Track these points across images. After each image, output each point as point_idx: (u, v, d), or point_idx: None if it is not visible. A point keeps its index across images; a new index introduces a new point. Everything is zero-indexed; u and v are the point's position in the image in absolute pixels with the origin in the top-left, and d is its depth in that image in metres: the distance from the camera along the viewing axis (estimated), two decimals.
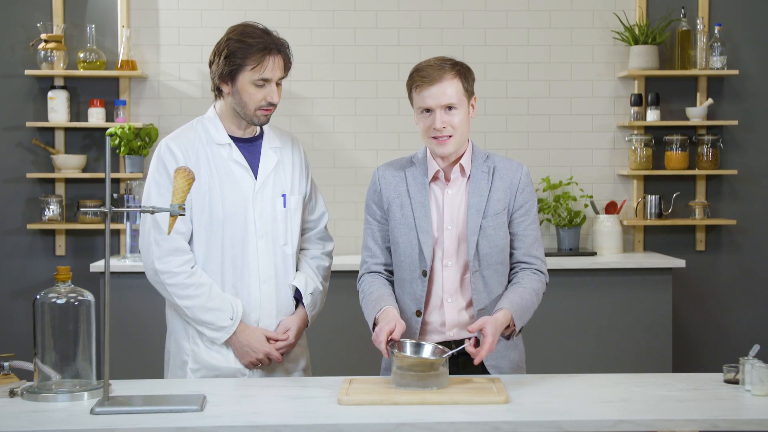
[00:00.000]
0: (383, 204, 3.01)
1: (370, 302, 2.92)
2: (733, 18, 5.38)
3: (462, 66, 2.93)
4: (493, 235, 2.93)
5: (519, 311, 2.85)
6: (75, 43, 5.25)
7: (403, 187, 2.99)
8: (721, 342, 5.42)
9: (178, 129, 3.14)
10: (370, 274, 3.02)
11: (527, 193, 2.98)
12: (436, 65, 2.89)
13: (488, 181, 2.96)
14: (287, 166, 3.16)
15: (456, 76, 2.88)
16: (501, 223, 2.94)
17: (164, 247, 2.99)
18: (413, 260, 2.95)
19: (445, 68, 2.88)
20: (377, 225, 3.03)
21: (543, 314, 4.98)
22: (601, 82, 5.41)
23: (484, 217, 2.92)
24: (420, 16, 5.35)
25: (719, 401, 2.57)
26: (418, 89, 2.89)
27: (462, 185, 2.98)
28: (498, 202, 2.95)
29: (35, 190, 5.27)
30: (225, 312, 3.02)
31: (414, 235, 2.94)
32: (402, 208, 2.97)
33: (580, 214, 5.30)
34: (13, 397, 2.60)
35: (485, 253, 2.92)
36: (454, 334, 2.94)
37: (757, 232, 5.46)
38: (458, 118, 2.88)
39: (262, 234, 3.07)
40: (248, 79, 2.99)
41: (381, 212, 3.02)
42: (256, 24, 3.06)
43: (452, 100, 2.87)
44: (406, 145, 5.31)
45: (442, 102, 2.86)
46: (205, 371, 3.04)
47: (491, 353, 2.84)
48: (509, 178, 2.97)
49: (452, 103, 2.87)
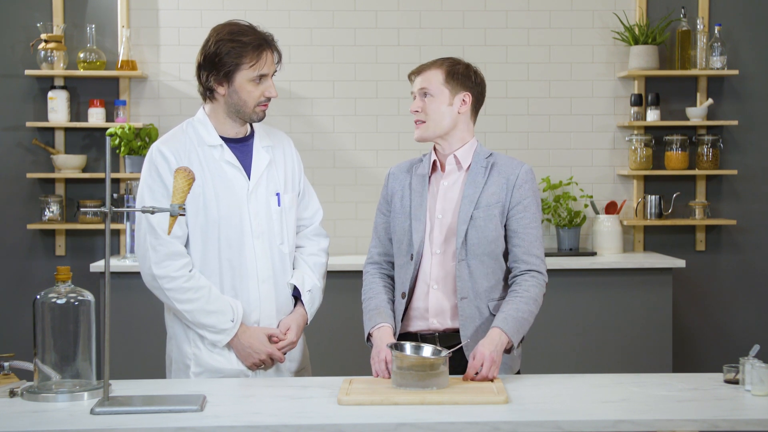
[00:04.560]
0: (389, 197, 3.14)
1: (368, 309, 3.03)
2: (733, 18, 5.38)
3: (453, 61, 3.06)
4: (482, 227, 2.98)
5: (515, 326, 2.87)
6: (75, 43, 5.25)
7: (407, 181, 3.11)
8: (721, 342, 5.42)
9: (168, 132, 3.13)
10: (372, 266, 3.15)
11: (525, 190, 3.01)
12: (431, 61, 3.08)
13: (485, 175, 3.03)
14: (279, 165, 3.16)
15: (440, 68, 3.03)
16: (492, 216, 2.99)
17: (161, 252, 2.97)
18: (405, 245, 3.05)
19: (434, 61, 3.06)
20: (382, 218, 3.16)
21: (543, 314, 4.96)
22: (601, 82, 5.41)
23: (475, 208, 2.99)
24: (420, 16, 5.35)
25: (719, 401, 2.57)
26: (411, 81, 3.08)
27: (460, 177, 3.06)
28: (492, 195, 3.00)
29: (35, 190, 5.27)
30: (225, 314, 3.01)
31: (408, 221, 3.05)
32: (402, 199, 3.09)
33: (580, 214, 5.30)
34: (13, 397, 2.60)
35: (473, 243, 2.97)
36: (437, 323, 3.01)
37: (757, 232, 5.46)
38: (433, 105, 3.01)
39: (258, 234, 3.07)
40: (246, 77, 2.99)
41: (387, 206, 3.15)
42: (241, 21, 3.07)
43: (428, 85, 3.01)
44: (406, 145, 5.31)
45: (419, 86, 3.03)
46: (208, 374, 3.03)
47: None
48: (507, 174, 3.03)
49: (426, 89, 3.01)
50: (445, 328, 3.00)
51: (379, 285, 3.08)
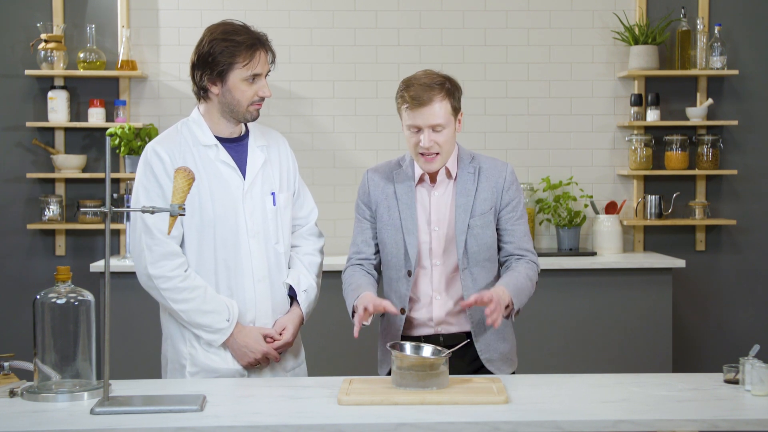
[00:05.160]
0: (371, 205, 3.11)
1: (350, 291, 3.02)
2: (733, 18, 5.38)
3: (450, 83, 2.99)
4: (480, 234, 3.02)
5: (515, 291, 2.92)
6: (75, 43, 5.25)
7: (391, 190, 3.08)
8: (721, 342, 5.42)
9: (163, 133, 3.13)
10: (351, 267, 3.13)
11: (513, 191, 3.07)
12: (425, 85, 2.94)
13: (474, 182, 3.04)
14: (274, 164, 3.16)
15: (445, 97, 2.95)
16: (488, 222, 3.03)
17: (156, 252, 2.98)
18: (399, 260, 3.04)
19: (434, 89, 2.94)
20: (366, 223, 3.13)
21: (543, 314, 5.00)
22: (601, 82, 5.41)
23: (471, 217, 3.01)
24: (420, 16, 5.35)
25: (719, 401, 2.57)
26: (408, 109, 2.96)
27: (449, 187, 3.06)
28: (485, 201, 3.03)
29: (35, 190, 5.27)
30: (221, 314, 3.01)
31: (400, 236, 3.04)
32: (389, 210, 3.07)
33: (580, 214, 5.30)
34: (13, 397, 2.60)
35: (473, 251, 3.01)
36: (442, 329, 3.04)
37: (757, 232, 5.46)
38: (444, 137, 2.97)
39: (254, 233, 3.07)
40: (239, 77, 2.99)
41: (370, 212, 3.12)
42: (235, 21, 3.07)
43: (440, 120, 2.95)
44: (405, 145, 5.29)
45: (430, 122, 2.94)
46: (203, 374, 3.04)
47: (485, 347, 3.00)
48: (494, 178, 3.06)
49: (440, 124, 2.95)
50: (449, 333, 3.04)
51: (360, 274, 3.08)
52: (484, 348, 3.03)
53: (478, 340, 3.02)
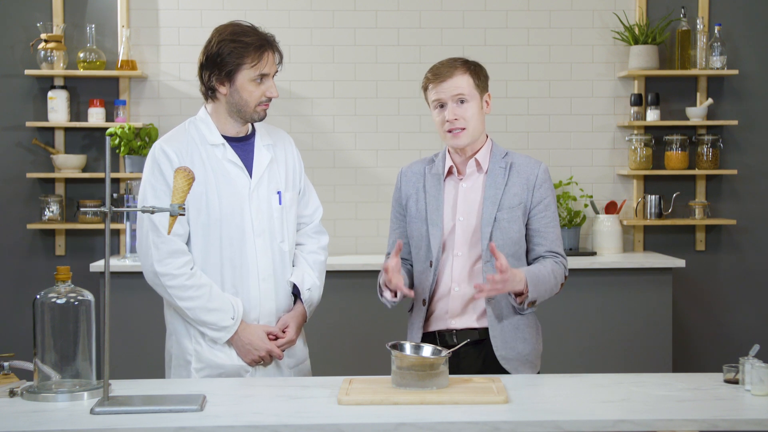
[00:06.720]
0: (402, 200, 3.14)
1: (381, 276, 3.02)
2: (733, 18, 5.38)
3: (474, 63, 3.06)
4: (507, 228, 3.00)
5: (534, 280, 2.91)
6: (75, 43, 5.25)
7: (421, 184, 3.11)
8: (721, 342, 5.41)
9: (171, 131, 3.15)
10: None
11: (545, 189, 3.05)
12: (447, 63, 3.03)
13: (505, 176, 3.04)
14: (280, 163, 3.18)
15: (467, 71, 3.01)
16: (516, 217, 3.01)
17: (163, 250, 2.99)
18: (423, 251, 3.06)
19: (456, 65, 3.01)
20: (396, 221, 3.17)
21: (543, 314, 4.99)
22: (601, 82, 5.41)
23: (499, 210, 3.00)
24: (420, 16, 5.35)
25: (719, 401, 2.57)
26: (432, 86, 3.01)
27: (479, 180, 3.06)
28: (514, 196, 3.02)
29: (35, 190, 5.27)
30: (226, 312, 3.03)
31: (424, 227, 3.05)
32: (417, 203, 3.09)
33: (580, 214, 5.30)
34: (13, 397, 2.60)
35: (498, 244, 2.98)
36: (456, 323, 3.02)
37: (757, 232, 5.46)
38: (470, 111, 2.99)
39: (260, 232, 3.08)
40: (247, 77, 3.01)
41: (400, 208, 3.15)
42: (242, 22, 3.08)
43: (463, 91, 2.98)
44: (405, 145, 5.31)
45: (453, 93, 2.98)
46: (209, 370, 3.05)
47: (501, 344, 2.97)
48: (526, 174, 3.05)
49: (463, 95, 2.98)
50: (463, 327, 3.03)
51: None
52: (500, 345, 2.99)
53: (495, 335, 3.00)
